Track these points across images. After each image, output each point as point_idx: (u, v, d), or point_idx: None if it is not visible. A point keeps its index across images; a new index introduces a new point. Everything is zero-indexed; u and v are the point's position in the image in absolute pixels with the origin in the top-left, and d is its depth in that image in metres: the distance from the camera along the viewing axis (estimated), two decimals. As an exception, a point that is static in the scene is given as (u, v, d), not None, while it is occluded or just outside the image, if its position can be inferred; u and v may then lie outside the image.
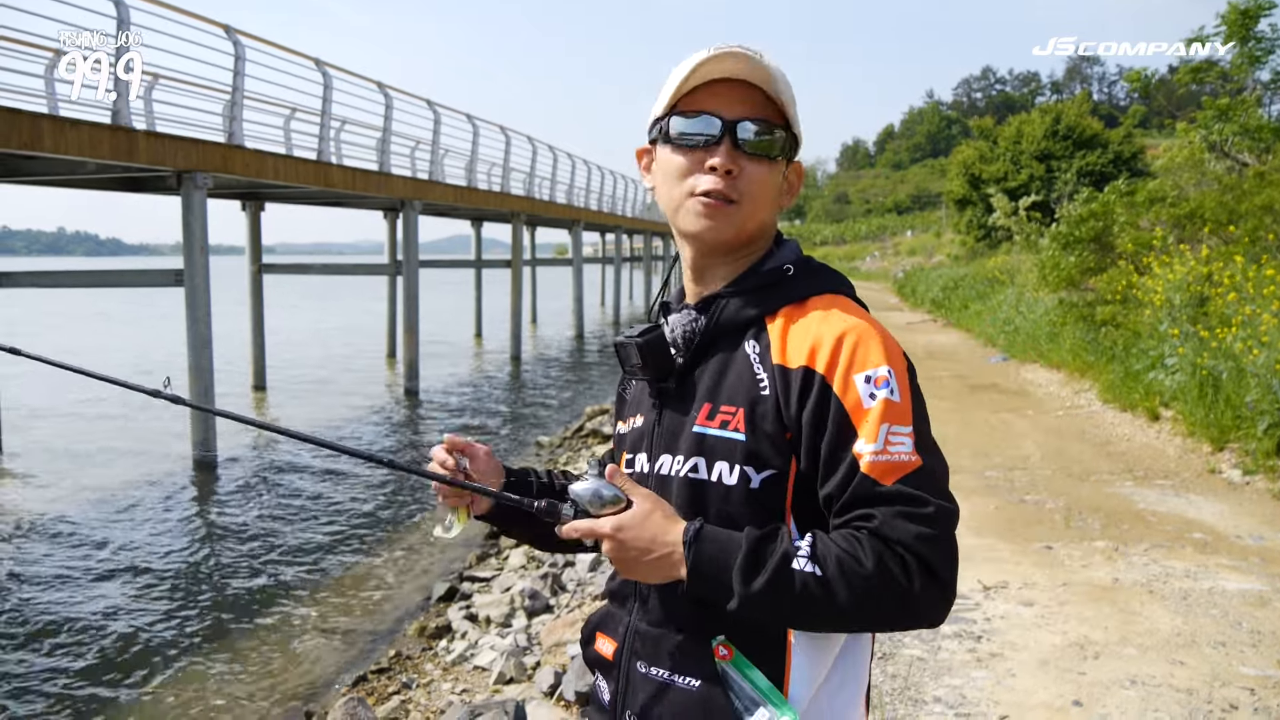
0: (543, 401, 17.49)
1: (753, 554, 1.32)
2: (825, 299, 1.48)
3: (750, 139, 1.47)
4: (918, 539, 1.29)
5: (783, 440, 1.41)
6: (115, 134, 10.27)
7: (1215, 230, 13.11)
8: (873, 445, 1.33)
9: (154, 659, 6.32)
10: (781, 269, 1.52)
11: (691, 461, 1.46)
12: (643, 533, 1.37)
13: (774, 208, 1.54)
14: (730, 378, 1.47)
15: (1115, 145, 35.73)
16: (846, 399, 1.36)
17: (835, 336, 1.40)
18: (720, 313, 1.51)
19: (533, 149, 25.10)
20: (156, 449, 12.54)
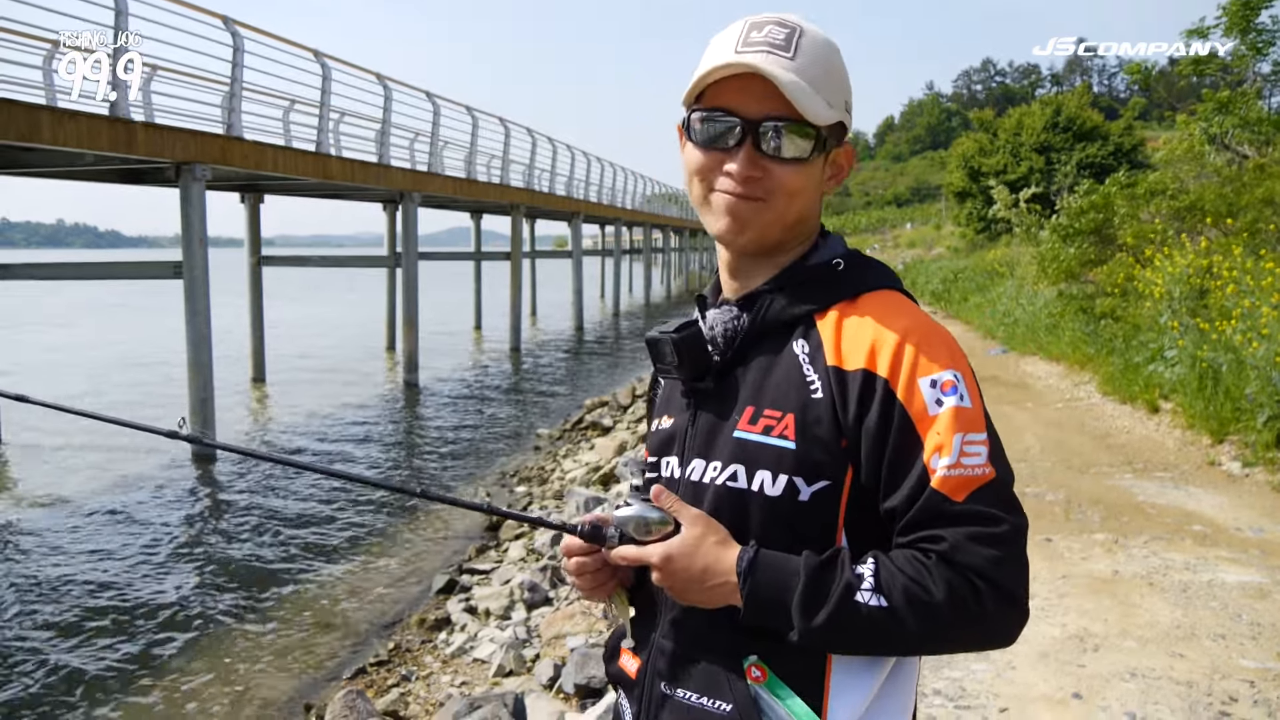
0: (542, 394, 17.49)
1: (813, 585, 1.24)
2: (880, 295, 1.38)
3: (774, 141, 1.34)
4: (991, 563, 1.21)
5: (837, 448, 1.30)
6: (114, 126, 10.25)
7: (1215, 222, 13.10)
8: (946, 458, 1.24)
9: (152, 652, 6.32)
10: (830, 264, 1.42)
11: (731, 469, 1.35)
12: (694, 562, 1.29)
13: (811, 200, 1.42)
14: (776, 379, 1.36)
15: (1115, 137, 35.72)
16: (912, 406, 1.26)
17: (897, 337, 1.30)
18: (765, 310, 1.40)
19: (532, 141, 25.06)
20: (155, 441, 12.52)
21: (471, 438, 13.29)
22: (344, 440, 12.88)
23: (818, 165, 1.40)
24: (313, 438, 12.98)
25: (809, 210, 1.43)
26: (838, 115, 1.38)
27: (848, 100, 1.41)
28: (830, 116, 1.36)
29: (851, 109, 1.43)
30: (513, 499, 9.77)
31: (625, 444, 10.76)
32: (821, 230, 1.50)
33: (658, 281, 48.36)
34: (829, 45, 1.38)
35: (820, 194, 1.44)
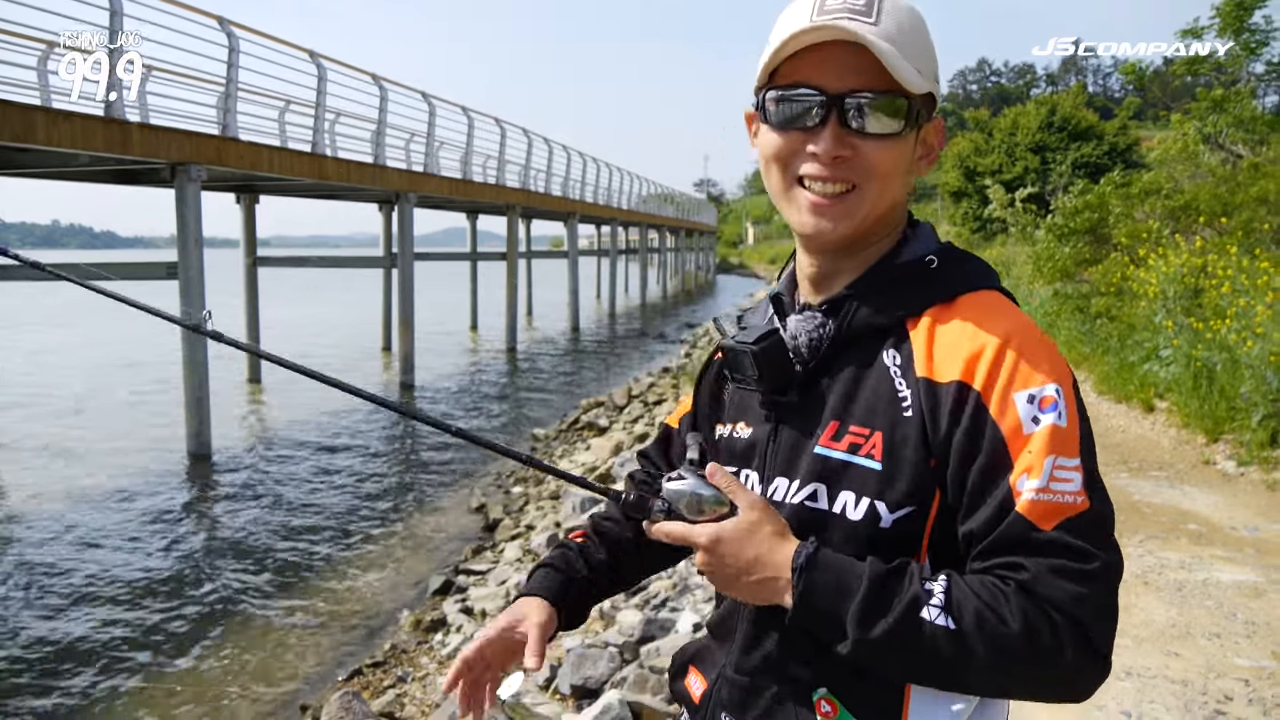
0: (538, 394, 17.48)
1: (875, 593, 1.12)
2: (979, 297, 1.24)
3: (863, 116, 1.21)
4: (1076, 601, 1.09)
5: (926, 469, 1.18)
6: (109, 126, 10.24)
7: (1210, 222, 13.12)
8: (1035, 481, 1.11)
9: (147, 653, 6.31)
10: (923, 260, 1.28)
11: (810, 488, 1.24)
12: (744, 549, 1.18)
13: (904, 184, 1.29)
14: (865, 393, 1.24)
15: (1110, 137, 35.78)
16: (1004, 421, 1.14)
17: (996, 345, 1.17)
18: (852, 316, 1.27)
19: (528, 141, 25.04)
20: (150, 441, 12.52)
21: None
22: (339, 441, 12.87)
23: (909, 142, 1.26)
24: (308, 437, 12.96)
25: (900, 196, 1.29)
26: (927, 85, 1.22)
27: (936, 70, 1.27)
28: (921, 86, 1.21)
29: (939, 79, 1.29)
30: (508, 500, 9.76)
31: (621, 444, 10.76)
32: (910, 219, 1.37)
33: (654, 282, 48.33)
34: (912, 9, 1.24)
35: (912, 177, 1.31)
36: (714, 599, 1.46)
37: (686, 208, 55.95)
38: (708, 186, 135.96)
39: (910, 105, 1.21)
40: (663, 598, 5.42)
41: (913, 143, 1.26)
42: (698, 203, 66.43)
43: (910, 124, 1.23)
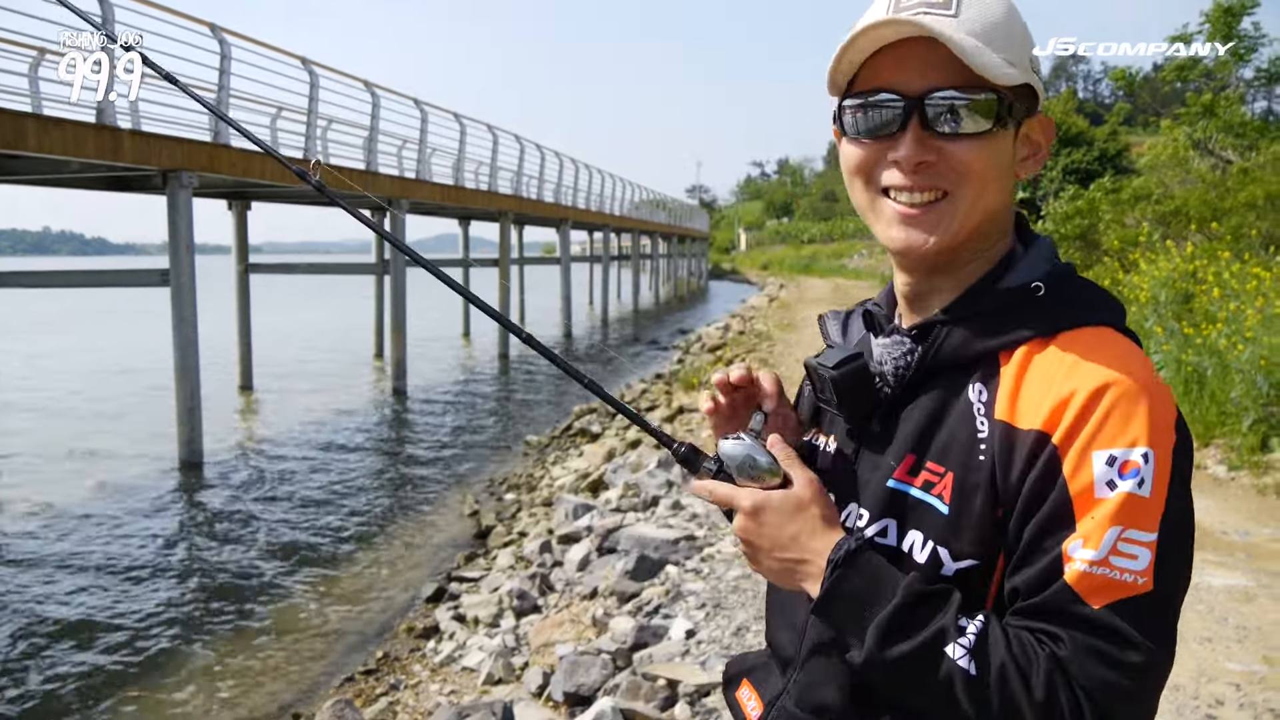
0: (531, 400, 17.47)
1: (905, 612, 1.05)
2: (1084, 334, 1.10)
3: (946, 116, 1.11)
4: (1106, 690, 0.99)
5: (991, 520, 1.08)
6: (100, 133, 10.22)
7: (1200, 227, 13.18)
8: (1091, 551, 1.01)
9: (137, 661, 6.29)
10: (1029, 288, 1.14)
11: (882, 523, 1.16)
12: (787, 524, 1.12)
13: (1003, 189, 1.16)
14: (945, 429, 1.14)
15: (1100, 143, 35.87)
16: (1075, 479, 1.02)
17: (1087, 394, 1.04)
18: (940, 344, 1.16)
19: (520, 147, 25.06)
20: (142, 449, 12.48)
21: (460, 444, 13.28)
22: (332, 448, 12.85)
23: (1006, 141, 1.14)
24: (300, 444, 12.94)
25: (999, 203, 1.16)
26: (1022, 76, 1.11)
27: (1033, 58, 1.14)
28: (1012, 77, 1.09)
29: (1039, 69, 1.16)
30: (501, 507, 9.75)
31: (614, 450, 10.76)
32: (1020, 231, 1.24)
33: (646, 288, 48.38)
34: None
35: (1012, 181, 1.18)
36: (766, 609, 1.39)
37: (679, 214, 56.03)
38: (700, 192, 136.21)
39: (1001, 100, 1.11)
40: (655, 604, 5.42)
41: (1010, 142, 1.15)
42: (690, 209, 66.51)
43: (1003, 121, 1.12)
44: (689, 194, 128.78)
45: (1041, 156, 1.18)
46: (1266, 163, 15.48)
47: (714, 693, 4.05)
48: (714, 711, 3.88)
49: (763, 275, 68.02)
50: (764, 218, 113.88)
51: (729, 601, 5.20)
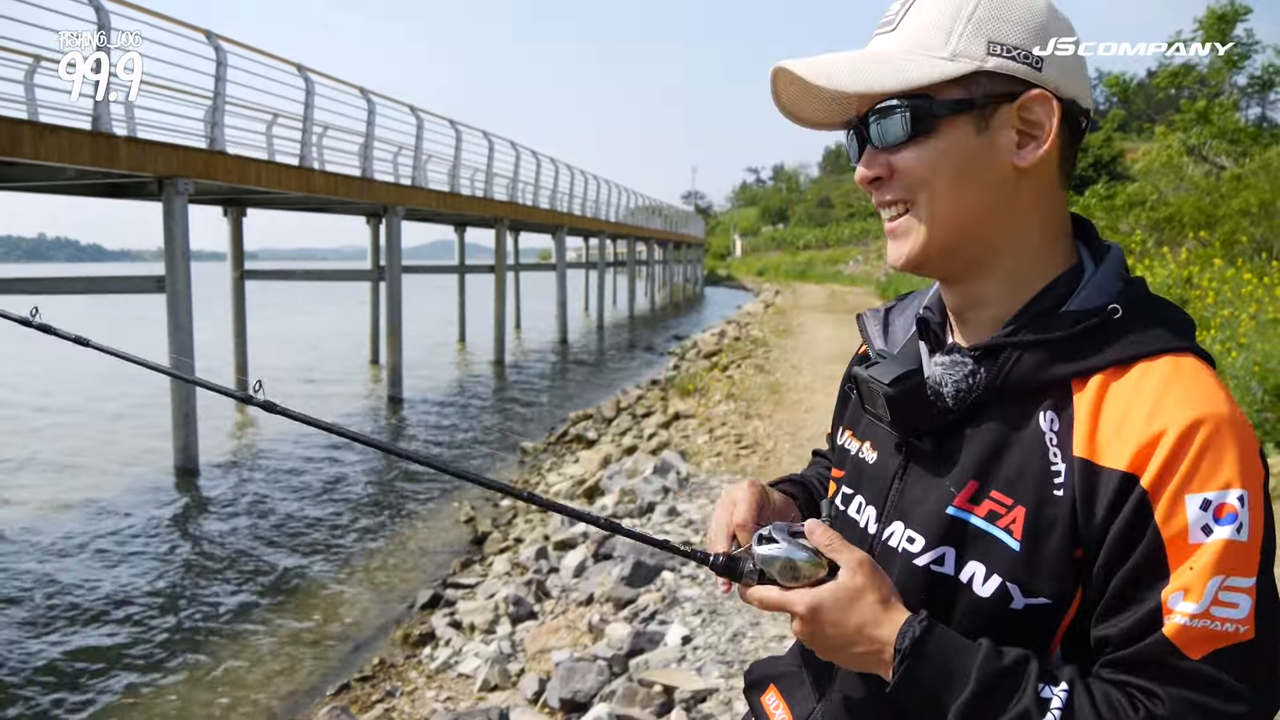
0: (527, 407, 17.47)
1: (984, 696, 1.00)
2: (1167, 363, 1.04)
3: (876, 127, 1.11)
4: None
5: (1068, 560, 1.03)
6: (96, 140, 10.22)
7: (1194, 233, 13.23)
8: (1192, 604, 0.96)
9: (132, 668, 6.28)
10: (1105, 309, 1.07)
11: (939, 551, 1.11)
12: (847, 618, 1.06)
13: (981, 186, 1.09)
14: (1012, 458, 1.08)
15: (1095, 149, 36.01)
16: (1168, 525, 0.97)
17: (1177, 435, 0.98)
18: (1009, 369, 1.09)
19: (516, 154, 25.09)
20: (137, 455, 12.47)
21: (455, 451, 13.28)
22: (327, 454, 12.83)
23: (961, 137, 1.08)
24: (295, 451, 12.92)
25: (980, 202, 1.10)
26: (965, 64, 1.06)
27: (1002, 39, 1.07)
28: (933, 71, 1.06)
29: (1024, 50, 1.07)
30: (496, 514, 9.75)
31: (610, 457, 10.77)
32: (1087, 238, 1.18)
33: (642, 294, 48.39)
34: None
35: (999, 176, 1.09)
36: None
37: (674, 220, 56.08)
38: (696, 199, 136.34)
39: (920, 104, 1.07)
40: (651, 610, 5.43)
41: (970, 135, 1.08)
42: (685, 215, 66.56)
43: (928, 117, 1.07)
44: (685, 200, 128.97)
45: (1046, 137, 1.08)
46: (1259, 169, 15.55)
47: (710, 699, 4.06)
48: (710, 717, 3.88)
49: (758, 281, 68.10)
50: (759, 224, 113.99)
51: (725, 608, 5.21)
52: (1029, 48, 1.06)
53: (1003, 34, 1.06)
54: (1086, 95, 1.12)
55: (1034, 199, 1.11)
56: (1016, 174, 1.09)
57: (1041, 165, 1.09)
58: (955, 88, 1.07)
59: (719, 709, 3.92)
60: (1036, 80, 1.07)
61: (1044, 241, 1.13)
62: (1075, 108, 1.10)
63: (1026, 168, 1.08)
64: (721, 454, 9.65)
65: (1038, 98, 1.07)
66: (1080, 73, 1.11)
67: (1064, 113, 1.08)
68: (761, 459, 9.23)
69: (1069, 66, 1.09)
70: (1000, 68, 1.06)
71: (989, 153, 1.08)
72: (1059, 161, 1.11)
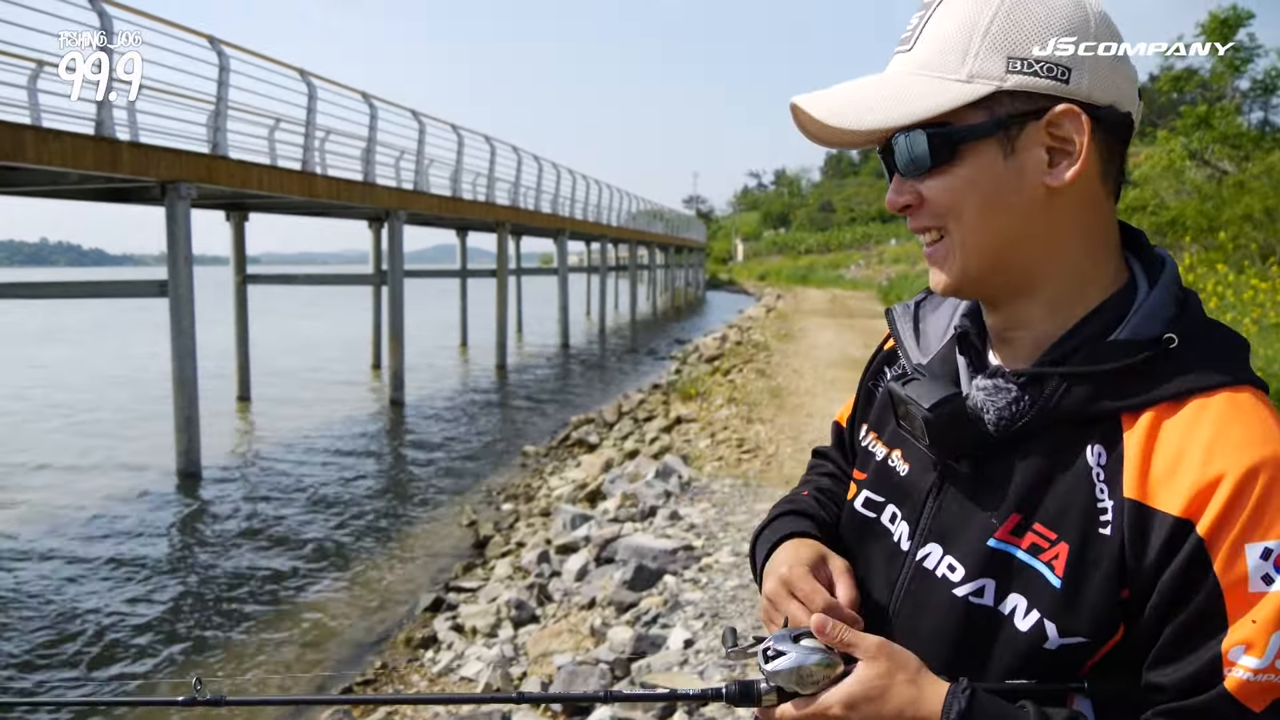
0: (528, 411, 17.47)
1: None
2: (1223, 400, 0.98)
3: (903, 156, 1.06)
4: None
5: (1115, 601, 0.99)
6: (99, 145, 10.24)
7: (1197, 238, 13.22)
8: (1255, 659, 0.91)
9: (132, 671, 6.28)
10: (1161, 340, 1.01)
11: (980, 583, 1.07)
12: (884, 704, 1.01)
13: (1015, 211, 1.04)
14: (1056, 491, 1.03)
15: (1097, 154, 35.95)
16: (1227, 575, 0.93)
17: (1236, 480, 0.93)
18: (1057, 400, 1.04)
19: (518, 158, 25.11)
20: (140, 460, 12.47)
21: (457, 455, 13.27)
22: (329, 458, 12.84)
23: (987, 160, 1.03)
24: (297, 455, 12.93)
25: (1022, 220, 1.04)
26: (984, 85, 1.01)
27: (1023, 54, 1.00)
28: (953, 96, 1.01)
29: (1050, 62, 1.00)
30: (499, 517, 9.75)
31: (612, 461, 10.76)
32: (1139, 251, 1.12)
33: (643, 298, 48.44)
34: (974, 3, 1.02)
35: (1039, 193, 1.03)
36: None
37: (676, 224, 56.12)
38: (697, 203, 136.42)
39: (941, 131, 1.02)
40: (653, 614, 5.42)
41: (998, 159, 1.02)
42: (687, 219, 66.61)
43: (948, 144, 1.02)
44: (686, 205, 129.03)
45: (1079, 153, 1.00)
46: (1262, 173, 15.54)
47: (713, 703, 4.05)
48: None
49: (760, 286, 68.11)
50: (761, 228, 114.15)
51: (727, 611, 5.20)
52: (1053, 58, 0.99)
53: (1023, 47, 0.99)
54: (1128, 96, 1.04)
55: (1073, 217, 1.05)
56: (1050, 194, 1.02)
57: (1078, 182, 1.02)
58: (976, 111, 1.01)
59: (721, 713, 3.92)
60: (1064, 94, 1.00)
61: (1088, 260, 1.07)
62: (1113, 114, 1.03)
63: (1060, 187, 1.02)
64: (723, 458, 9.65)
65: (1066, 113, 1.00)
66: (1118, 73, 1.03)
67: (1099, 122, 1.02)
68: (763, 463, 9.23)
69: (1103, 69, 1.01)
70: (1022, 85, 1.00)
71: (1018, 176, 1.02)
72: (1099, 174, 1.05)
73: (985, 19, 1.00)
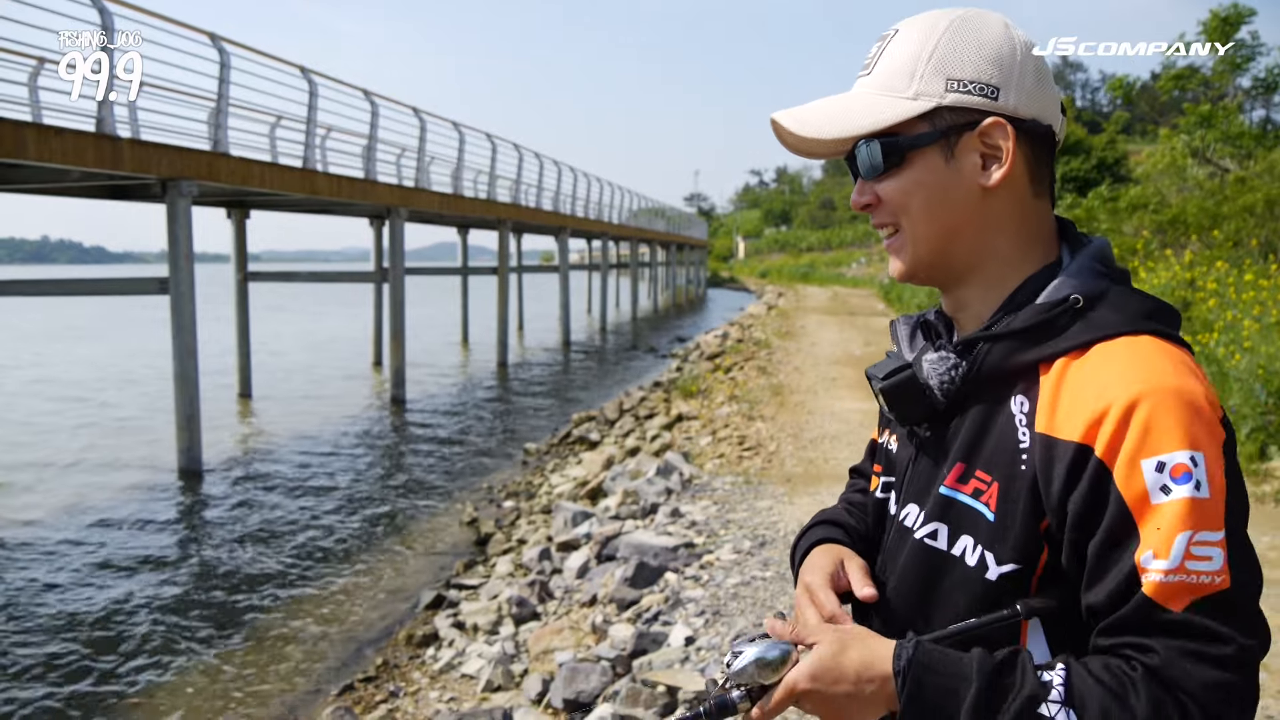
0: (530, 408, 17.48)
1: (988, 692, 1.05)
2: (1120, 343, 1.12)
3: (862, 162, 1.24)
4: (1208, 688, 1.01)
5: (1035, 530, 1.13)
6: (100, 142, 10.24)
7: (1198, 235, 13.21)
8: (1164, 561, 1.02)
9: (137, 668, 6.29)
10: (1067, 300, 1.17)
11: (932, 526, 1.23)
12: (844, 669, 1.12)
13: (956, 207, 1.21)
14: (991, 439, 1.19)
15: (1099, 151, 35.98)
16: (1128, 490, 1.05)
17: (1125, 404, 1.06)
18: (982, 362, 1.20)
19: (519, 156, 25.10)
20: (141, 457, 12.48)
21: (458, 452, 13.28)
22: (331, 455, 12.86)
23: (930, 165, 1.21)
24: (299, 452, 12.94)
25: (955, 221, 1.22)
26: (927, 101, 1.19)
27: (959, 75, 1.18)
28: (900, 111, 1.19)
29: (981, 83, 1.18)
30: (500, 515, 9.76)
31: (613, 458, 10.77)
32: (1069, 238, 1.27)
33: (645, 296, 48.44)
34: (925, 28, 1.21)
35: (970, 196, 1.21)
36: None
37: (677, 222, 56.10)
38: (698, 201, 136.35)
39: (890, 141, 1.20)
40: (655, 611, 5.43)
41: (940, 163, 1.20)
42: (688, 217, 66.59)
43: (897, 151, 1.20)
44: (687, 202, 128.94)
45: (1006, 158, 1.18)
46: (1264, 171, 15.54)
47: None
48: (713, 718, 3.89)
49: (761, 283, 68.13)
50: (762, 226, 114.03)
51: (728, 609, 5.21)
52: (984, 79, 1.18)
53: (959, 70, 1.18)
54: (1050, 112, 1.22)
55: (1004, 212, 1.22)
56: (985, 192, 1.20)
57: (1008, 182, 1.20)
58: (921, 123, 1.19)
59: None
60: (992, 109, 1.18)
61: (1019, 247, 1.24)
62: (1036, 126, 1.21)
63: (992, 187, 1.19)
64: (724, 455, 9.65)
65: (994, 125, 1.18)
66: (1041, 93, 1.21)
67: (1024, 133, 1.20)
68: (764, 460, 9.23)
69: (1027, 89, 1.20)
70: (958, 101, 1.18)
71: (957, 177, 1.20)
72: (1027, 175, 1.22)
73: (929, 47, 1.19)
